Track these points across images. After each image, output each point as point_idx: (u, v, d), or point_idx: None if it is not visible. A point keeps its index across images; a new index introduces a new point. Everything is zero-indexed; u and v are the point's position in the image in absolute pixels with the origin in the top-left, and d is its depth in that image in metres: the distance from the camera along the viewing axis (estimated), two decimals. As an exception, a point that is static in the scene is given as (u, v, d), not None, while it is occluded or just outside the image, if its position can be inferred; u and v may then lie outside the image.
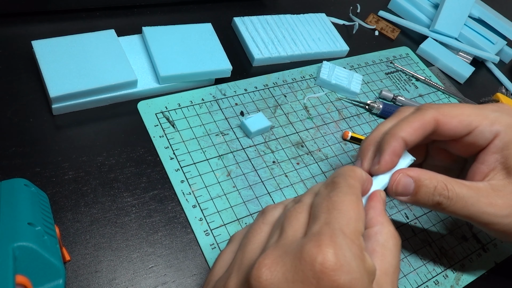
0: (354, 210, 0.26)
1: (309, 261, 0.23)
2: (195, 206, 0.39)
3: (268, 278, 0.23)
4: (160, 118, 0.44)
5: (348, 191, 0.27)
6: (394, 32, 0.66)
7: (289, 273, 0.23)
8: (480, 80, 0.66)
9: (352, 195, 0.27)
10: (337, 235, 0.24)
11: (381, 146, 0.34)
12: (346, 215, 0.26)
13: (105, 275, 0.34)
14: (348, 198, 0.27)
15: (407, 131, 0.33)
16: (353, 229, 0.25)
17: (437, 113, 0.34)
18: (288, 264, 0.23)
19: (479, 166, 0.35)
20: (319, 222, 0.25)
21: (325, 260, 0.23)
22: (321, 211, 0.26)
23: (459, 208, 0.33)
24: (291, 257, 0.24)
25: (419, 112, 0.34)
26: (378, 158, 0.33)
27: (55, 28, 0.47)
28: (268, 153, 0.45)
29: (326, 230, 0.24)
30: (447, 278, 0.42)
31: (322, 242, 0.23)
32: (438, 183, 0.33)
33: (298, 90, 0.52)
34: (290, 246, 0.24)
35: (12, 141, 0.38)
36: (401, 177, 0.33)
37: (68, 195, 0.37)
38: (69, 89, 0.40)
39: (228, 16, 0.56)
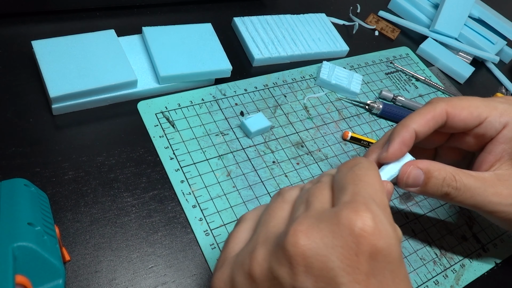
0: (378, 183, 0.27)
1: (348, 226, 0.23)
2: (195, 206, 0.39)
3: (307, 243, 0.23)
4: (160, 118, 0.44)
5: (370, 167, 0.28)
6: (394, 32, 0.66)
7: (327, 239, 0.23)
8: (480, 80, 0.66)
9: (375, 171, 0.28)
10: (371, 202, 0.24)
11: (391, 136, 0.35)
12: (373, 186, 0.26)
13: (105, 275, 0.34)
14: (372, 172, 0.27)
15: (418, 122, 0.34)
16: (382, 199, 0.26)
17: (447, 105, 0.35)
18: (325, 230, 0.23)
19: (487, 156, 0.37)
20: (347, 193, 0.25)
21: (365, 224, 0.23)
22: (348, 182, 0.26)
23: (466, 198, 0.34)
24: (327, 224, 0.24)
25: (430, 105, 0.36)
26: (386, 147, 0.34)
27: (55, 28, 0.47)
28: (268, 153, 0.45)
29: (359, 198, 0.25)
30: (447, 278, 0.42)
31: (359, 208, 0.24)
32: (446, 174, 0.34)
33: (298, 90, 0.52)
34: (323, 214, 0.24)
35: (12, 141, 0.38)
36: (412, 169, 0.34)
37: (68, 195, 0.37)
38: (69, 89, 0.40)
39: (228, 16, 0.56)
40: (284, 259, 0.23)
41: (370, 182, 0.26)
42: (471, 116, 0.35)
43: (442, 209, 0.47)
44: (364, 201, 0.24)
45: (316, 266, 0.23)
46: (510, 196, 0.35)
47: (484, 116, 0.36)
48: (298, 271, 0.23)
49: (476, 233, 0.46)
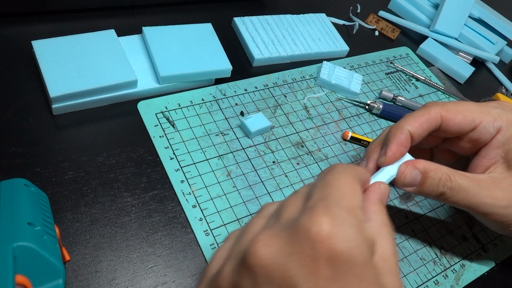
0: (349, 186, 0.26)
1: (304, 233, 0.23)
2: (195, 206, 0.39)
3: (265, 253, 0.23)
4: (160, 118, 0.44)
5: (343, 171, 0.27)
6: (394, 32, 0.66)
7: (286, 247, 0.23)
8: (480, 80, 0.66)
9: (348, 175, 0.27)
10: (332, 206, 0.24)
11: (387, 139, 0.35)
12: (341, 190, 0.25)
13: (105, 275, 0.34)
14: (343, 177, 0.27)
15: (413, 124, 0.35)
16: (348, 202, 0.25)
17: (442, 109, 0.36)
18: (284, 239, 0.23)
19: (481, 160, 0.37)
20: (312, 199, 0.25)
21: (320, 229, 0.22)
22: (316, 188, 0.26)
23: (460, 198, 0.35)
24: (286, 232, 0.23)
25: (425, 108, 0.36)
26: (384, 150, 0.34)
27: (55, 28, 0.47)
28: (268, 153, 0.45)
29: (321, 203, 0.24)
30: (447, 278, 0.42)
31: (316, 213, 0.23)
32: (442, 174, 0.34)
33: (298, 90, 0.52)
34: (286, 224, 0.24)
35: (12, 141, 0.38)
36: (409, 169, 0.34)
37: (68, 195, 0.37)
38: (69, 89, 0.40)
39: (228, 16, 0.56)
40: (246, 271, 0.23)
41: (338, 186, 0.26)
42: (465, 120, 0.36)
43: (442, 209, 0.47)
44: (324, 205, 0.24)
45: (276, 275, 0.22)
46: (504, 198, 0.35)
47: (478, 121, 0.36)
48: (259, 282, 0.23)
49: (476, 233, 0.46)
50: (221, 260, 0.28)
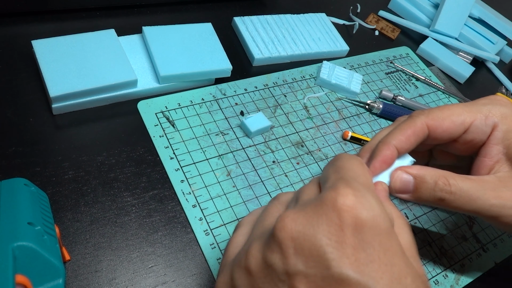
0: (361, 168, 0.27)
1: (330, 204, 0.23)
2: (195, 205, 0.39)
3: (293, 226, 0.24)
4: (160, 118, 0.44)
5: (351, 157, 0.28)
6: (394, 32, 0.66)
7: (313, 219, 0.24)
8: (480, 80, 0.66)
9: (356, 160, 0.28)
10: (352, 182, 0.25)
11: (373, 153, 0.34)
12: (355, 171, 0.27)
13: (105, 274, 0.34)
14: (353, 161, 0.28)
15: (399, 138, 0.33)
16: (364, 179, 0.26)
17: (427, 118, 0.34)
18: (310, 213, 0.24)
19: (483, 160, 0.35)
20: (330, 181, 0.26)
21: (346, 199, 0.23)
22: (330, 173, 0.27)
23: (464, 203, 0.33)
24: (312, 207, 0.24)
25: (410, 119, 0.35)
26: (368, 165, 0.33)
27: (55, 28, 0.47)
28: (268, 153, 0.45)
29: (340, 181, 0.25)
30: (447, 278, 0.42)
31: (340, 186, 0.24)
32: (439, 178, 0.32)
33: (298, 90, 0.52)
34: (309, 201, 0.25)
35: (12, 141, 0.38)
36: (399, 174, 0.33)
37: (68, 194, 0.37)
38: (69, 89, 0.40)
39: (228, 16, 0.56)
40: (275, 245, 0.24)
41: (351, 168, 0.27)
42: (454, 125, 0.34)
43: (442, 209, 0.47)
44: (345, 181, 0.25)
45: (305, 246, 0.23)
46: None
47: (469, 122, 0.34)
48: (288, 254, 0.23)
49: (476, 233, 0.46)
50: (240, 244, 0.28)
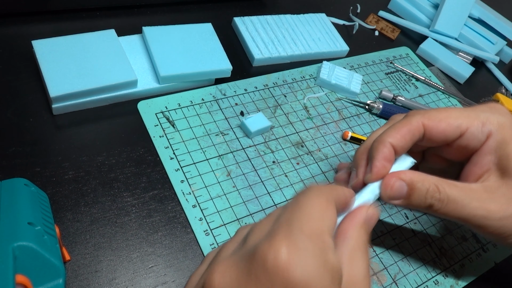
0: (319, 209, 0.25)
1: (261, 261, 0.22)
2: (195, 206, 0.39)
3: (220, 283, 0.22)
4: (160, 118, 0.44)
5: (317, 192, 0.26)
6: (394, 32, 0.66)
7: (242, 277, 0.22)
8: (480, 80, 0.66)
9: (321, 196, 0.26)
10: (293, 232, 0.23)
11: (371, 153, 0.33)
12: (309, 213, 0.24)
13: (105, 274, 0.34)
14: (315, 198, 0.26)
15: (395, 137, 0.33)
16: (314, 227, 0.24)
17: (423, 117, 0.34)
18: (241, 268, 0.22)
19: (472, 167, 0.35)
20: (278, 222, 0.24)
21: (277, 257, 0.21)
22: (285, 211, 0.25)
23: (450, 210, 0.32)
24: (245, 261, 0.23)
25: (406, 118, 0.34)
26: (370, 166, 0.33)
27: (55, 28, 0.47)
28: (268, 153, 0.45)
29: (283, 228, 0.23)
30: (447, 278, 0.42)
31: (275, 239, 0.22)
32: (430, 185, 0.32)
33: (298, 90, 0.52)
34: (247, 251, 0.24)
35: (12, 141, 0.38)
36: (395, 181, 0.32)
37: (68, 195, 0.37)
38: (69, 89, 0.40)
39: (228, 16, 0.56)
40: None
41: (307, 208, 0.25)
42: (450, 127, 0.33)
43: (442, 209, 0.47)
44: (286, 230, 0.23)
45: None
46: (498, 210, 0.33)
47: (465, 127, 0.34)
48: None
49: (476, 233, 0.46)
50: (195, 282, 0.28)
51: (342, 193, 0.29)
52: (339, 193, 0.29)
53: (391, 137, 0.33)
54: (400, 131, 0.33)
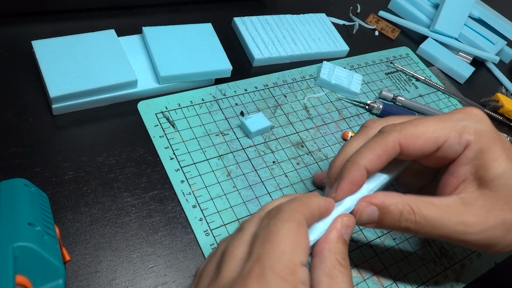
0: (290, 240, 0.25)
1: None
2: (195, 206, 0.39)
3: None
4: (160, 118, 0.44)
5: (289, 218, 0.26)
6: (394, 32, 0.66)
7: None
8: (480, 80, 0.66)
9: (292, 222, 0.26)
10: (265, 273, 0.23)
11: (340, 174, 0.32)
12: (280, 247, 0.25)
13: (105, 275, 0.34)
14: (286, 226, 0.26)
15: (369, 158, 0.32)
16: (286, 263, 0.24)
17: (399, 135, 0.32)
18: None
19: (449, 177, 0.34)
20: (251, 259, 0.25)
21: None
22: (257, 243, 0.25)
23: (429, 230, 0.32)
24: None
25: (382, 136, 0.33)
26: (336, 185, 0.32)
27: (55, 28, 0.47)
28: (268, 153, 0.45)
29: (255, 269, 0.23)
30: (447, 278, 0.42)
31: (247, 283, 0.23)
32: (404, 207, 0.31)
33: (298, 90, 0.52)
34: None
35: (12, 141, 0.38)
36: (364, 206, 0.31)
37: (68, 195, 0.37)
38: (69, 89, 0.40)
39: (228, 16, 0.56)
40: None
41: (279, 242, 0.25)
42: (428, 143, 0.32)
43: (442, 209, 0.47)
44: (258, 273, 0.23)
45: None
46: (477, 223, 0.31)
47: (442, 140, 0.32)
48: None
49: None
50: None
51: (317, 206, 0.29)
52: (312, 207, 0.28)
53: (365, 158, 0.32)
54: (375, 152, 0.32)
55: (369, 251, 0.41)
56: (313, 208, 0.28)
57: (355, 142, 0.35)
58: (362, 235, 0.42)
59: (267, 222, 0.27)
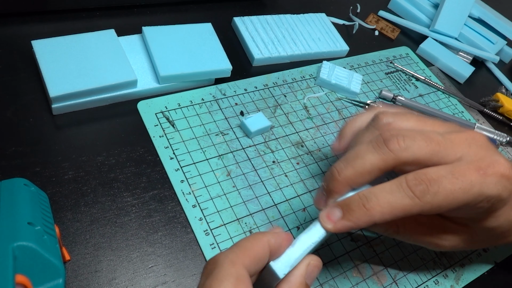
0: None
1: None
2: (195, 206, 0.39)
3: None
4: (160, 118, 0.44)
5: (225, 275, 0.25)
6: (394, 32, 0.66)
7: None
8: (480, 80, 0.66)
9: (229, 279, 0.25)
10: None
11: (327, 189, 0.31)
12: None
13: (105, 274, 0.34)
14: (223, 286, 0.24)
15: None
16: None
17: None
18: None
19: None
20: None
21: None
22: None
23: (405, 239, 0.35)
24: None
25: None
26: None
27: (55, 28, 0.47)
28: (268, 153, 0.45)
29: None
30: (447, 277, 0.41)
31: None
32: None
33: (298, 90, 0.52)
34: None
35: (12, 141, 0.38)
36: (329, 210, 0.30)
37: (68, 194, 0.37)
38: (69, 89, 0.40)
39: (228, 16, 0.56)
40: None
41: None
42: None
43: (442, 208, 0.47)
44: None
45: None
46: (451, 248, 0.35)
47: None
48: None
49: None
50: None
51: (263, 247, 0.27)
52: (255, 251, 0.27)
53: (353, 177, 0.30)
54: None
55: (369, 251, 0.41)
56: (258, 252, 0.27)
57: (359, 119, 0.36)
58: (362, 235, 0.42)
59: (203, 282, 0.25)
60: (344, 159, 0.31)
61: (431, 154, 0.29)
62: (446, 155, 0.30)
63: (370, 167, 0.30)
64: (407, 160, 0.29)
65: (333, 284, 0.38)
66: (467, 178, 0.28)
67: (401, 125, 0.32)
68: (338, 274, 0.39)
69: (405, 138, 0.30)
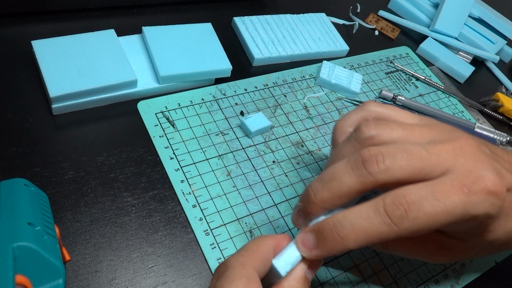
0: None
1: None
2: (195, 206, 0.39)
3: None
4: (160, 118, 0.44)
5: (236, 275, 0.26)
6: (394, 31, 0.66)
7: None
8: (480, 80, 0.66)
9: (240, 279, 0.26)
10: None
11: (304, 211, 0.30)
12: None
13: (105, 275, 0.34)
14: (234, 286, 0.25)
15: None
16: None
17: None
18: None
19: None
20: None
21: None
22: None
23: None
24: None
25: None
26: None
27: (55, 28, 0.47)
28: (268, 152, 0.45)
29: None
30: (447, 277, 0.41)
31: None
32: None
33: (298, 90, 0.52)
34: None
35: (12, 141, 0.38)
36: (303, 235, 0.29)
37: (68, 195, 0.37)
38: (69, 89, 0.40)
39: (228, 16, 0.56)
40: None
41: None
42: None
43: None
44: None
45: None
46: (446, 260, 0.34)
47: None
48: None
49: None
50: None
51: (268, 248, 0.28)
52: (263, 252, 0.28)
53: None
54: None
55: (369, 251, 0.41)
56: (264, 253, 0.28)
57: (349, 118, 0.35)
58: (362, 234, 0.42)
59: (215, 283, 0.26)
60: (320, 179, 0.29)
61: (413, 173, 0.28)
62: (430, 172, 0.28)
63: (347, 190, 0.28)
64: (387, 182, 0.28)
65: (333, 284, 0.38)
66: (450, 198, 0.26)
67: (385, 138, 0.30)
68: (338, 274, 0.39)
69: (385, 159, 0.28)
